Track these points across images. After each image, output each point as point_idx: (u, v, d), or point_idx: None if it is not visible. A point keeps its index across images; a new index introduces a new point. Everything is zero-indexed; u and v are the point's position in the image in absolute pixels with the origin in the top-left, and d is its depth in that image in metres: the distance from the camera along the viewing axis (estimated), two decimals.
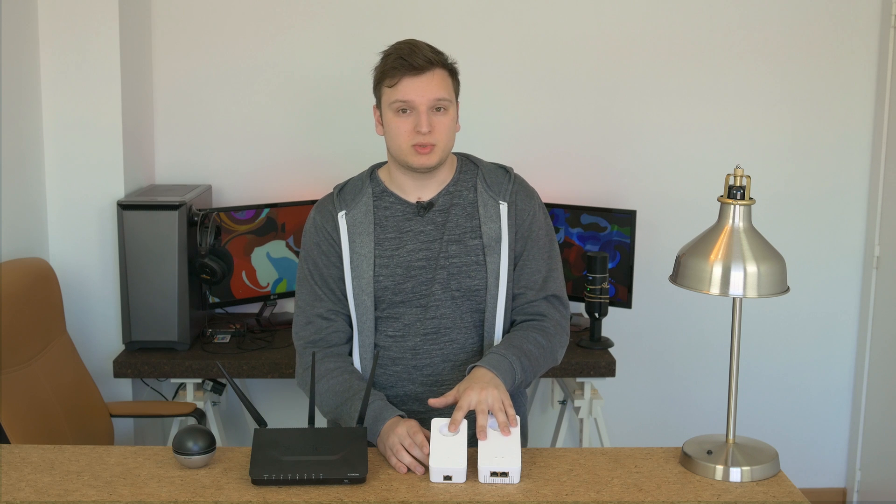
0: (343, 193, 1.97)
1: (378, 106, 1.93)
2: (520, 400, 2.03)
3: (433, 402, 1.77)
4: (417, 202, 1.94)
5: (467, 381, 1.78)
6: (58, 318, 2.58)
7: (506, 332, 1.96)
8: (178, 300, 2.79)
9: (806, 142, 3.30)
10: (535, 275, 1.97)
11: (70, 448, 1.79)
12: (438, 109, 1.86)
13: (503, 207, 1.94)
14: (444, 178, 1.96)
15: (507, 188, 1.97)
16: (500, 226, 1.93)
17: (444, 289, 1.91)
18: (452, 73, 1.91)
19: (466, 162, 2.01)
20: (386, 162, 2.00)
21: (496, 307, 1.93)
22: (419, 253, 1.92)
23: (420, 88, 1.84)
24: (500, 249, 1.92)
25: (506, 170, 2.01)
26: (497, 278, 1.92)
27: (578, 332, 3.04)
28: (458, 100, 1.95)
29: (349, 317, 1.95)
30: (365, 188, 1.96)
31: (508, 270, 1.94)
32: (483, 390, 1.74)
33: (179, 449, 1.69)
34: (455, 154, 2.01)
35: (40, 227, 2.85)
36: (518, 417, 1.74)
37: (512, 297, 1.97)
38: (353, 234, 1.92)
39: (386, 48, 1.91)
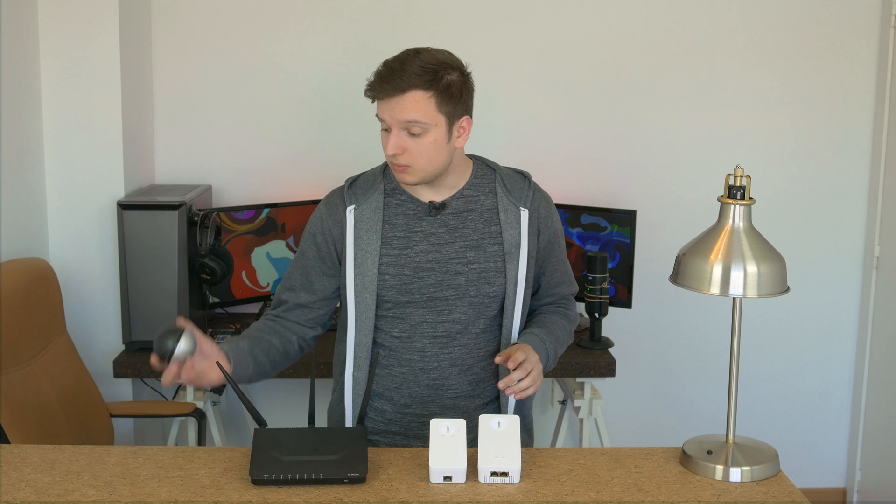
0: (354, 187, 1.96)
1: None
2: (524, 400, 2.03)
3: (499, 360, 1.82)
4: (430, 202, 1.94)
5: (524, 345, 1.87)
6: (58, 318, 2.58)
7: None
8: (178, 300, 2.79)
9: (806, 142, 3.30)
10: (554, 277, 2.03)
11: (70, 448, 1.79)
12: (413, 134, 1.81)
13: (524, 214, 1.94)
14: (456, 181, 1.93)
15: (527, 194, 1.96)
16: (519, 232, 1.93)
17: (460, 294, 1.90)
18: (444, 90, 1.79)
19: (482, 166, 1.98)
20: None
21: (513, 313, 1.93)
22: (429, 255, 1.90)
23: (390, 110, 1.80)
24: (518, 256, 1.92)
25: (523, 175, 2.00)
26: (515, 285, 1.92)
27: (578, 332, 3.03)
28: (467, 113, 1.86)
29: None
30: (377, 184, 1.95)
31: (527, 277, 1.94)
32: (533, 360, 1.83)
33: (161, 350, 1.72)
34: (470, 157, 1.99)
35: (40, 227, 2.85)
36: (519, 410, 1.77)
37: (529, 300, 2.01)
38: (360, 231, 1.91)
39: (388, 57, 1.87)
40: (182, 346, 1.72)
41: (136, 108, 2.99)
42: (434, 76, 1.78)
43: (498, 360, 1.81)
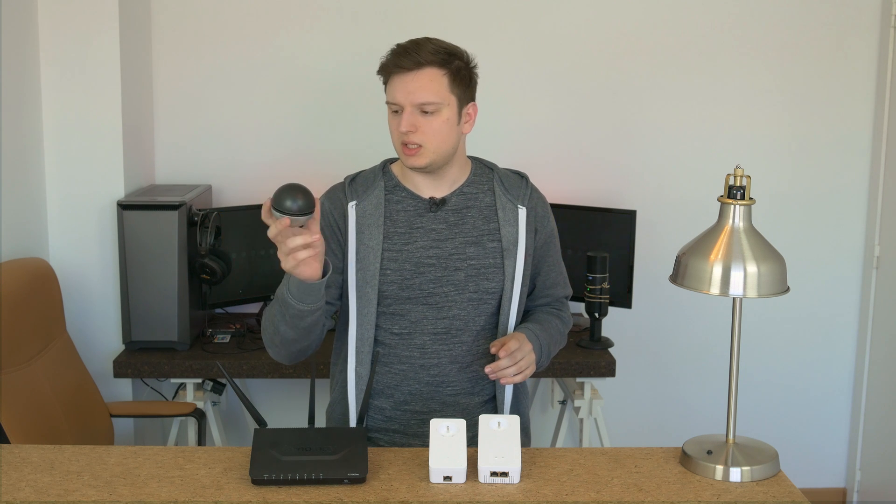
0: (354, 184, 1.97)
1: None
2: (521, 399, 2.04)
3: (493, 348, 1.83)
4: (430, 198, 1.95)
5: (518, 334, 1.87)
6: (58, 318, 2.58)
7: None
8: (178, 300, 2.78)
9: (806, 142, 3.30)
10: (549, 278, 2.04)
11: (70, 448, 1.79)
12: (425, 111, 1.85)
13: (522, 212, 1.96)
14: (457, 177, 1.96)
15: (525, 193, 1.99)
16: (517, 230, 1.94)
17: (459, 290, 1.92)
18: (455, 73, 1.86)
19: (481, 165, 2.02)
20: (398, 158, 2.01)
21: (510, 310, 1.94)
22: (429, 251, 1.92)
23: (404, 89, 1.83)
24: (516, 253, 1.93)
25: (521, 175, 2.03)
26: (513, 281, 1.93)
27: (578, 332, 3.04)
28: (473, 100, 1.92)
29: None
30: (377, 181, 1.96)
31: (524, 275, 1.95)
32: (526, 349, 1.83)
33: (278, 206, 1.63)
34: (469, 157, 2.01)
35: (40, 227, 2.85)
36: (518, 416, 1.76)
37: (526, 299, 2.01)
38: (362, 226, 1.92)
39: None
40: (300, 204, 1.61)
41: (135, 108, 2.99)
42: (447, 56, 1.85)
43: (493, 349, 1.83)
